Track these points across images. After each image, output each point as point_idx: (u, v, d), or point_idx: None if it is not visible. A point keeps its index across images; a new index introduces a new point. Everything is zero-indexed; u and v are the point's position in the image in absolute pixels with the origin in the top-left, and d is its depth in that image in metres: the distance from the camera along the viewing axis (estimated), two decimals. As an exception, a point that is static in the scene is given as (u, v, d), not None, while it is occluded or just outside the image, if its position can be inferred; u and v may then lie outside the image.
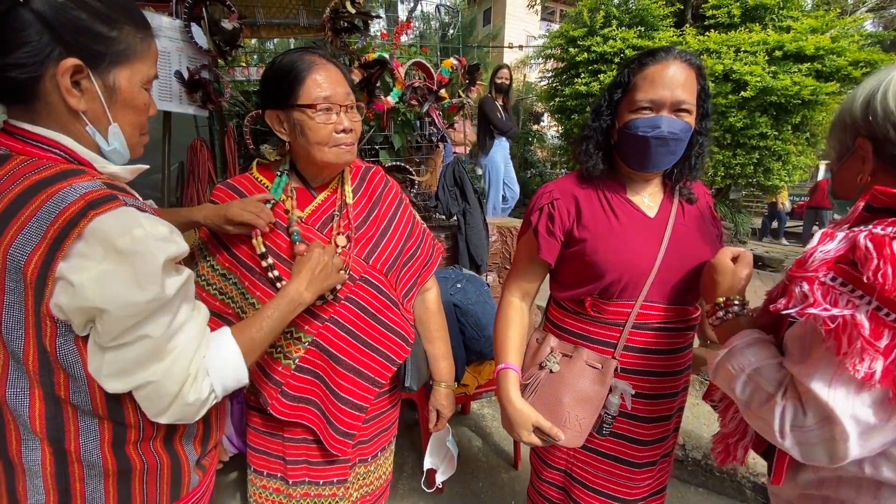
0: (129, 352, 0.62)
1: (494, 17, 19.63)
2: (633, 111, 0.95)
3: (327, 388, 1.02)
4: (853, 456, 0.60)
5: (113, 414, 0.69)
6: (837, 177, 0.79)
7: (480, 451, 2.36)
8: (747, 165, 5.39)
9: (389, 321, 1.06)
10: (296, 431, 1.06)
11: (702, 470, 2.14)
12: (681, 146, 0.97)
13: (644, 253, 0.98)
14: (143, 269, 0.59)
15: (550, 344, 1.07)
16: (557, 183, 1.09)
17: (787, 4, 5.59)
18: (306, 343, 1.00)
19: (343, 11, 1.90)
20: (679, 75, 0.92)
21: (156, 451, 0.75)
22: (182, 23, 1.96)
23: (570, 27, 6.15)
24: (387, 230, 1.08)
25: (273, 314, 0.83)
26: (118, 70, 0.66)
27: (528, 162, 8.99)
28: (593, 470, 1.09)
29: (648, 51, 0.96)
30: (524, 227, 1.12)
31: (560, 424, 1.00)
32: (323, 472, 1.08)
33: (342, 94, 0.94)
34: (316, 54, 0.95)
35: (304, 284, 0.87)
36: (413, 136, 2.52)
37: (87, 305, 0.58)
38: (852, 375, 0.56)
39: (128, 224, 0.59)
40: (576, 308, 1.06)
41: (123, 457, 0.72)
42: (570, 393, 1.01)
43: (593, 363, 1.01)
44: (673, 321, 1.01)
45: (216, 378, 0.71)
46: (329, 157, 0.95)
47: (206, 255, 1.06)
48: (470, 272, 2.45)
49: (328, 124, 0.93)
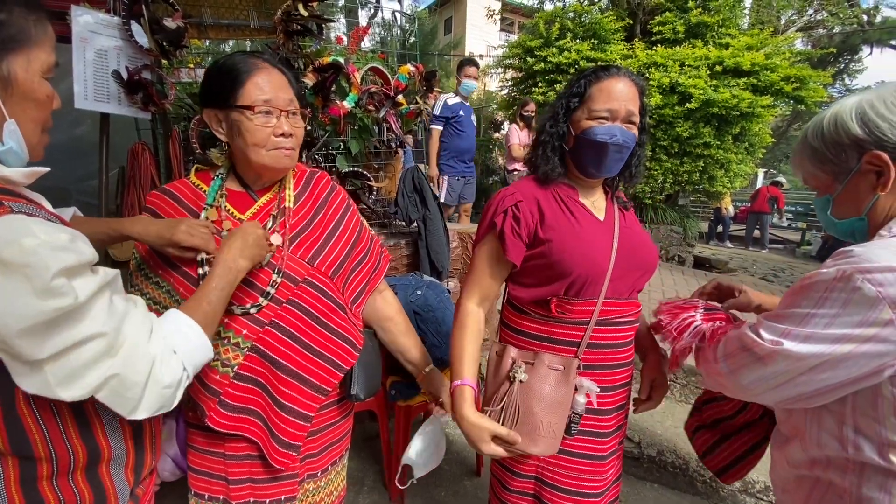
0: (73, 356, 0.57)
1: (456, 26, 19.88)
2: (592, 119, 1.02)
3: (269, 397, 0.98)
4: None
5: (17, 448, 0.62)
6: (841, 198, 0.80)
7: (443, 460, 2.33)
8: (693, 173, 5.69)
9: (336, 325, 1.03)
10: (238, 447, 1.01)
11: (656, 466, 2.21)
12: (627, 154, 1.05)
13: (602, 252, 1.03)
14: (37, 281, 0.53)
15: (511, 355, 1.07)
16: (517, 186, 1.11)
17: (726, 23, 5.98)
18: (245, 349, 0.95)
19: (296, 14, 1.86)
20: (629, 90, 1.02)
21: (76, 485, 0.69)
22: (121, 20, 1.85)
23: (528, 38, 6.33)
24: (333, 234, 1.06)
25: (216, 285, 0.82)
26: (12, 58, 0.60)
27: (490, 169, 9.13)
28: (565, 471, 1.10)
29: (602, 66, 1.05)
30: (483, 230, 1.11)
31: (535, 434, 1.00)
32: (269, 490, 1.03)
33: (284, 100, 0.94)
34: (261, 58, 0.95)
35: (236, 252, 0.86)
36: (371, 142, 2.49)
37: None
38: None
39: (15, 233, 0.54)
40: (538, 311, 1.08)
41: (35, 496, 0.65)
42: (539, 400, 1.01)
43: (555, 366, 1.02)
44: (626, 315, 1.07)
45: (184, 356, 0.70)
46: (266, 160, 0.94)
47: (140, 263, 1.01)
48: (430, 278, 2.44)
49: (266, 127, 0.92)
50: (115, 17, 1.85)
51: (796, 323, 0.71)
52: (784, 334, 0.72)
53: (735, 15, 6.20)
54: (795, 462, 0.81)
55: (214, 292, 0.81)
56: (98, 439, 0.71)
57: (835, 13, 10.28)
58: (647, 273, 1.11)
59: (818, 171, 0.82)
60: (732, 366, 0.80)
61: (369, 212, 2.50)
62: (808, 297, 0.70)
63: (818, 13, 10.43)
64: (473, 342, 1.09)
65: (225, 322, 0.93)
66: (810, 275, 0.72)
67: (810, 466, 0.78)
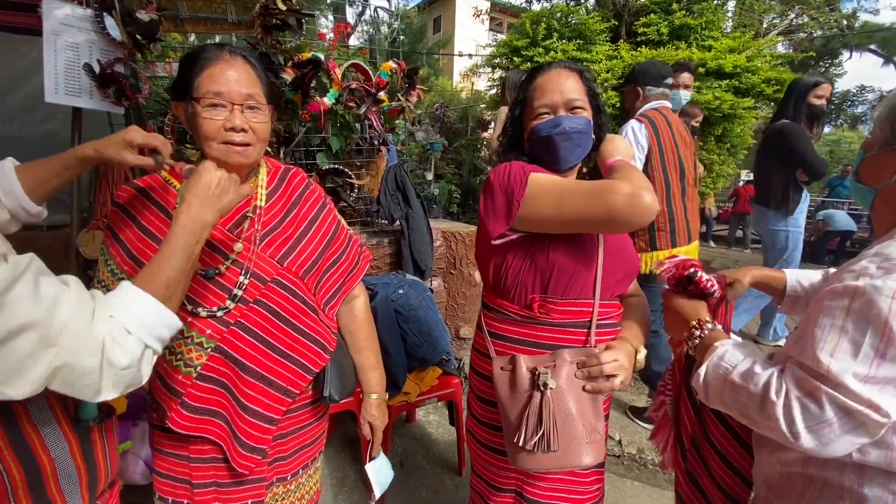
0: (6, 353, 0.53)
1: (444, 24, 19.86)
2: (534, 118, 1.04)
3: (233, 399, 0.96)
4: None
5: None
6: (871, 162, 0.77)
7: (425, 460, 2.32)
8: (678, 173, 5.75)
9: (305, 327, 1.01)
10: (202, 450, 0.98)
11: (637, 464, 2.23)
12: (585, 139, 1.03)
13: (589, 245, 0.99)
14: None
15: (525, 365, 0.95)
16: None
17: (709, 26, 6.06)
18: (209, 349, 0.93)
19: (274, 8, 1.83)
20: (565, 79, 1.02)
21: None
22: (93, 12, 1.80)
23: (514, 38, 6.34)
24: (306, 233, 1.03)
25: (176, 248, 0.73)
26: None
27: (478, 168, 9.13)
28: (546, 484, 1.06)
29: (535, 66, 1.07)
30: (519, 187, 0.97)
31: (580, 443, 0.90)
32: (235, 495, 1.01)
33: (240, 94, 0.90)
34: (227, 50, 0.93)
35: (197, 205, 0.77)
36: (353, 140, 2.47)
37: None
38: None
39: None
40: (520, 312, 1.02)
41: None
42: (576, 402, 0.91)
43: (579, 358, 0.95)
44: (612, 316, 1.04)
45: (141, 332, 0.65)
46: (216, 154, 0.91)
47: (107, 259, 0.98)
48: (413, 277, 2.42)
49: (216, 120, 0.89)
50: (87, 9, 1.80)
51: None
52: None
53: (718, 18, 6.28)
54: (786, 460, 0.78)
55: (176, 257, 0.71)
56: (37, 454, 0.67)
57: (815, 17, 10.48)
58: (629, 276, 1.08)
59: (881, 125, 0.77)
60: (825, 438, 0.64)
61: (351, 210, 2.48)
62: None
63: (799, 17, 10.63)
64: None
65: (189, 322, 0.91)
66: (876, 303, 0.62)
67: (804, 464, 0.75)
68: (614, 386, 0.93)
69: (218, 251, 0.94)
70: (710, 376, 0.79)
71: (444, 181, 6.99)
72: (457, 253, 2.93)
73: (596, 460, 0.92)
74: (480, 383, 1.12)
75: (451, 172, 7.32)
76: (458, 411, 2.19)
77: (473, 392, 1.17)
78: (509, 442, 0.95)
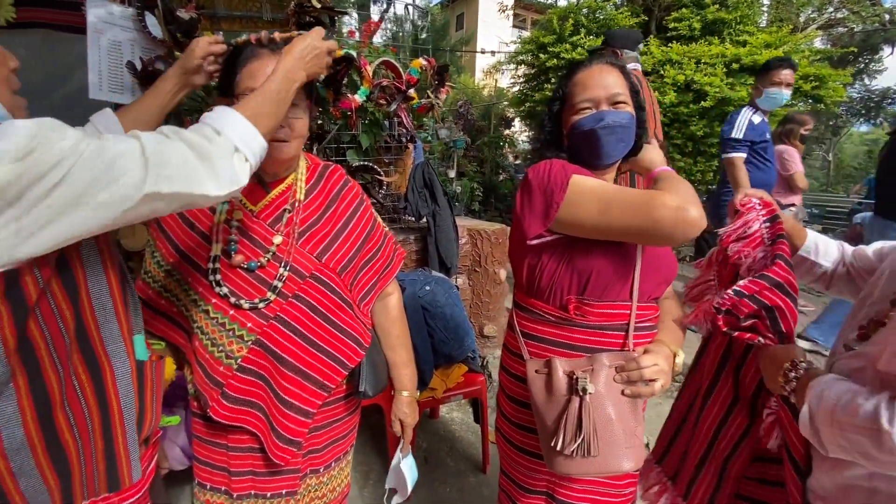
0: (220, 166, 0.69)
1: (467, 22, 19.79)
2: (576, 112, 1.01)
3: (271, 391, 0.98)
4: None
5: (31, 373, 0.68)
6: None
7: (449, 456, 2.33)
8: (707, 172, 5.61)
9: (342, 322, 1.02)
10: (240, 439, 1.01)
11: (665, 469, 2.18)
12: (629, 133, 1.01)
13: (630, 252, 0.96)
14: None
15: (562, 368, 0.92)
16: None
17: (744, 20, 5.88)
18: (249, 342, 0.95)
19: (308, 6, 1.84)
20: (607, 74, 1.00)
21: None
22: (135, 11, 1.85)
23: (541, 34, 6.28)
24: (343, 229, 1.05)
25: (268, 89, 0.81)
26: None
27: (500, 166, 9.09)
28: (579, 486, 1.05)
29: (576, 61, 1.06)
30: (560, 188, 0.94)
31: (619, 448, 0.89)
32: (270, 484, 1.03)
33: None
34: (261, 47, 0.95)
35: (299, 63, 0.85)
36: (382, 137, 2.48)
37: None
38: None
39: None
40: (554, 313, 1.00)
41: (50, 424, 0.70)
42: (615, 407, 0.90)
43: (617, 362, 0.93)
44: (649, 319, 1.00)
45: (234, 137, 0.73)
46: None
47: (154, 251, 1.02)
48: (439, 274, 2.43)
49: None
50: (129, 8, 1.85)
51: None
52: None
53: (753, 12, 6.10)
54: (851, 475, 0.74)
55: (266, 97, 0.80)
56: (107, 390, 0.76)
57: (856, 11, 10.04)
58: (667, 281, 1.04)
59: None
60: None
61: (379, 206, 2.49)
62: None
63: (838, 11, 10.20)
64: None
65: (230, 314, 0.94)
66: None
67: (869, 478, 0.72)
68: (654, 390, 0.91)
69: (258, 245, 0.96)
70: (817, 419, 0.71)
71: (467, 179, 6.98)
72: (482, 251, 2.92)
73: (636, 465, 0.90)
74: (512, 384, 1.10)
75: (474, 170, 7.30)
76: (483, 409, 2.18)
77: (504, 392, 1.16)
78: (545, 445, 0.94)
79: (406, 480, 1.22)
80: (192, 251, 0.96)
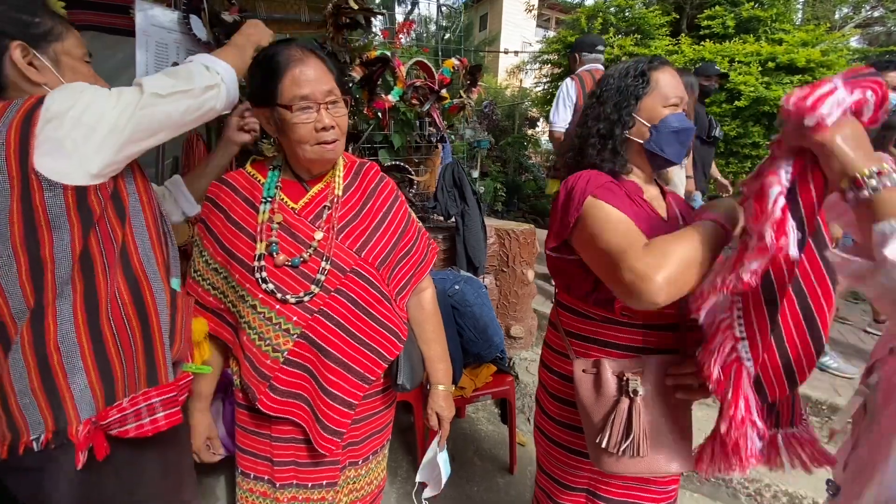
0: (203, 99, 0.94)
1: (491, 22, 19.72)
2: (666, 107, 0.99)
3: (316, 383, 1.00)
4: None
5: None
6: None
7: (476, 456, 2.33)
8: (740, 174, 5.46)
9: (381, 316, 1.04)
10: (284, 430, 1.03)
11: (697, 475, 2.14)
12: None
13: None
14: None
15: (611, 370, 0.92)
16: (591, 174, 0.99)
17: (780, 18, 5.70)
18: (295, 335, 0.97)
19: (345, 7, 1.88)
20: (679, 79, 1.02)
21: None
22: (181, 14, 1.92)
23: (568, 33, 6.21)
24: (380, 225, 1.06)
25: (233, 47, 1.07)
26: (54, 45, 0.87)
27: (523, 166, 9.04)
28: (621, 481, 1.04)
29: (653, 56, 1.04)
30: (574, 210, 0.92)
31: (670, 450, 0.89)
32: (312, 474, 1.05)
33: (322, 92, 0.92)
34: (296, 47, 0.93)
35: (241, 40, 1.09)
36: (413, 136, 2.51)
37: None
38: None
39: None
40: (599, 312, 0.99)
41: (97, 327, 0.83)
42: (666, 409, 0.89)
43: (666, 365, 0.92)
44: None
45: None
46: (311, 156, 0.96)
47: (202, 250, 1.05)
48: (467, 274, 2.43)
49: (307, 123, 0.92)
50: (175, 11, 1.92)
51: None
52: None
53: (789, 10, 5.92)
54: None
55: (231, 52, 1.04)
56: (148, 308, 0.90)
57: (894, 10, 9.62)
58: None
59: None
60: None
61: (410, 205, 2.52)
62: None
63: (875, 10, 9.79)
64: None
65: (277, 309, 0.96)
66: None
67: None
68: (706, 394, 0.90)
69: (300, 241, 0.99)
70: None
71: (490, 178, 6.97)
72: (510, 251, 2.92)
73: (684, 467, 0.90)
74: (556, 382, 1.10)
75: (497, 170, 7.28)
76: (511, 410, 2.18)
77: (546, 390, 1.15)
78: (591, 444, 0.94)
79: (441, 474, 1.23)
80: (238, 250, 0.99)
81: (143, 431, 0.86)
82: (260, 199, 1.00)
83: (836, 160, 0.64)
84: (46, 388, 0.79)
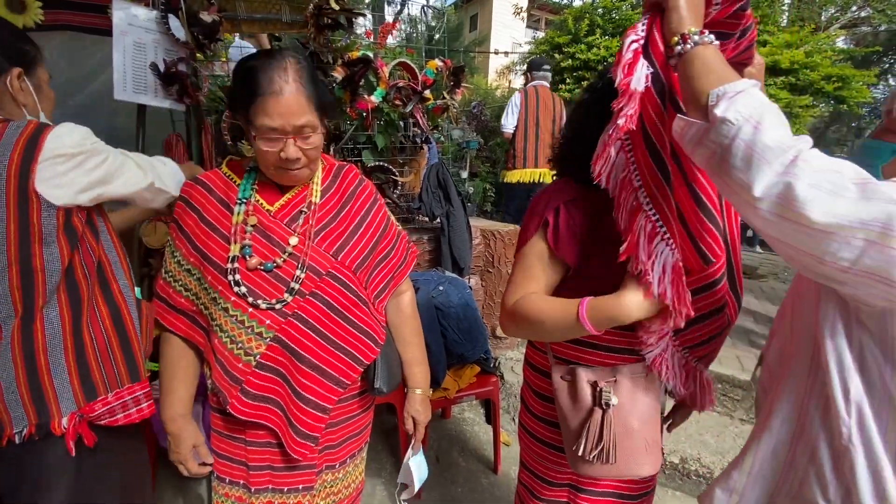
0: (163, 173, 1.15)
1: (481, 22, 19.75)
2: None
3: (290, 387, 0.99)
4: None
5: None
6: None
7: (460, 456, 2.33)
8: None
9: (357, 319, 1.03)
10: (258, 434, 1.02)
11: (679, 474, 2.16)
12: None
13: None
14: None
15: (586, 379, 0.94)
16: (559, 187, 1.01)
17: (765, 19, 5.77)
18: (268, 339, 0.96)
19: (327, 8, 1.87)
20: None
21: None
22: (159, 14, 1.89)
23: (556, 34, 6.24)
24: (358, 228, 1.06)
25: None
26: (37, 71, 1.00)
27: (513, 167, 9.05)
28: (603, 479, 1.06)
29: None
30: (531, 230, 0.99)
31: (640, 455, 0.91)
32: (287, 479, 1.05)
33: (294, 126, 0.89)
34: (277, 69, 0.87)
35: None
36: (397, 137, 2.50)
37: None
38: None
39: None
40: None
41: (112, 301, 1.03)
42: (637, 418, 0.92)
43: (637, 374, 0.94)
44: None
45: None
46: (274, 177, 0.97)
47: (174, 251, 1.03)
48: (452, 275, 2.44)
49: (272, 150, 0.91)
50: (153, 10, 1.90)
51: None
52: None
53: (774, 11, 5.99)
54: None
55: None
56: (122, 311, 1.07)
57: (881, 10, 9.78)
58: None
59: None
60: None
61: (393, 207, 2.51)
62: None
63: (862, 10, 9.95)
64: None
65: (249, 312, 0.95)
66: None
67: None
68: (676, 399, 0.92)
69: (276, 244, 0.98)
70: (720, 114, 0.64)
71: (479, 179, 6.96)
72: (495, 251, 2.92)
73: (653, 470, 0.93)
74: (539, 380, 1.12)
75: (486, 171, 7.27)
76: (496, 410, 2.18)
77: (529, 387, 1.17)
78: (569, 448, 0.96)
79: (414, 478, 1.23)
80: (211, 251, 0.97)
81: (131, 419, 1.03)
82: (235, 199, 0.99)
83: (674, 16, 0.74)
84: (32, 386, 0.90)
